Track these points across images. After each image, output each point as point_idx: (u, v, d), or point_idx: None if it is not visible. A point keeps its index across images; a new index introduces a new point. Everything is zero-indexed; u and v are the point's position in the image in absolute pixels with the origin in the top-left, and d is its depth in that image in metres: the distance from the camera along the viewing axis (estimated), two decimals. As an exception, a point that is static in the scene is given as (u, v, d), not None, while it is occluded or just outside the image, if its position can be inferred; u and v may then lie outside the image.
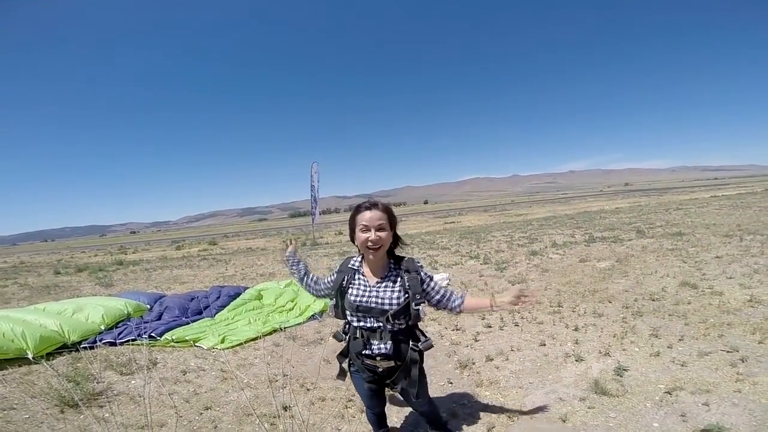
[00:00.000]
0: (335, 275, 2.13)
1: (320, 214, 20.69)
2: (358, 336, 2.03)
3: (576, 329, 4.28)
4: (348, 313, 2.05)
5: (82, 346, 4.56)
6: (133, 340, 4.74)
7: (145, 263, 15.20)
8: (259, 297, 6.36)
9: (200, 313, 5.72)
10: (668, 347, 3.61)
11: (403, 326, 2.00)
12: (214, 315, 5.64)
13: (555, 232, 13.24)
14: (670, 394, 2.86)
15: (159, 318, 5.54)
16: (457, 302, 2.04)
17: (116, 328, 5.13)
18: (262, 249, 18.39)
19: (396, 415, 2.96)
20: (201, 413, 3.15)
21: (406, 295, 1.97)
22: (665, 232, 10.50)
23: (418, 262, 2.07)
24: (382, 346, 2.00)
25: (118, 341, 4.73)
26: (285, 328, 5.07)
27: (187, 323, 5.25)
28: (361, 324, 2.01)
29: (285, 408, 3.07)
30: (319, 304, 5.76)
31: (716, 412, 2.60)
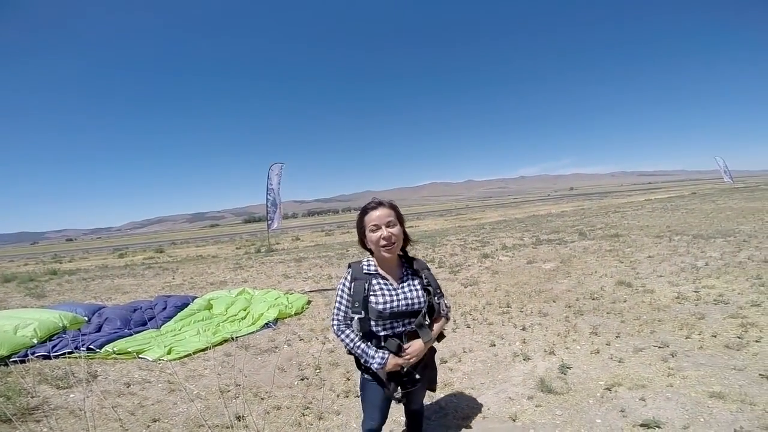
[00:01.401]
0: (352, 285, 1.94)
1: (282, 218, 20.00)
2: (385, 344, 1.90)
3: (523, 329, 4.48)
4: (373, 323, 1.90)
5: (11, 360, 4.22)
6: (69, 352, 4.44)
7: (83, 272, 14.21)
8: (209, 307, 6.13)
9: (144, 324, 5.44)
10: (607, 344, 3.85)
11: (427, 323, 1.97)
12: (160, 326, 5.38)
13: (505, 235, 13.75)
14: (609, 390, 3.03)
15: (98, 330, 5.21)
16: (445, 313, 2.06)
17: (50, 341, 4.77)
18: (213, 256, 17.72)
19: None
20: (148, 425, 3.01)
21: (428, 292, 1.97)
22: (604, 234, 11.20)
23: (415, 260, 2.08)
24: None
25: (52, 354, 4.41)
26: (237, 337, 4.93)
27: (130, 335, 4.98)
28: (389, 332, 1.91)
29: (238, 418, 2.99)
30: (272, 312, 5.63)
31: (652, 406, 2.77)
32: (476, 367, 3.69)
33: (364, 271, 1.96)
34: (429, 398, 3.18)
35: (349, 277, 1.97)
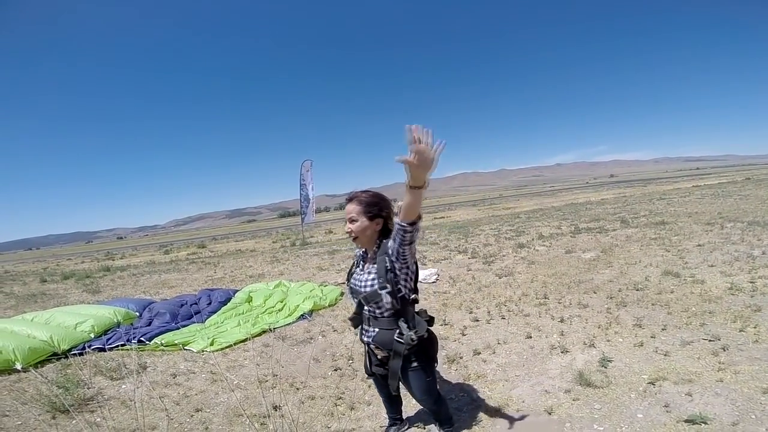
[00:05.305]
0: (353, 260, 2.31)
1: (315, 213, 20.70)
2: (361, 319, 2.19)
3: (561, 321, 4.35)
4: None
5: (71, 353, 4.53)
6: (122, 345, 4.71)
7: (133, 268, 15.02)
8: (249, 299, 6.34)
9: (190, 317, 5.69)
10: (651, 337, 3.68)
11: (385, 314, 2.00)
12: (205, 320, 5.61)
13: (542, 224, 13.39)
14: (653, 384, 2.90)
15: (149, 324, 5.50)
16: (397, 224, 1.81)
17: (105, 335, 5.08)
18: (251, 250, 18.27)
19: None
20: (192, 415, 3.15)
21: (379, 279, 1.95)
22: (649, 222, 10.68)
23: (388, 241, 1.96)
24: (370, 331, 2.11)
25: (107, 346, 4.70)
26: (274, 328, 5.08)
27: (177, 328, 5.23)
28: (362, 306, 2.15)
29: (275, 407, 3.08)
30: (308, 304, 5.76)
31: (699, 402, 2.63)
32: (511, 359, 3.63)
33: (356, 252, 2.26)
34: (462, 389, 3.17)
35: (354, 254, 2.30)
